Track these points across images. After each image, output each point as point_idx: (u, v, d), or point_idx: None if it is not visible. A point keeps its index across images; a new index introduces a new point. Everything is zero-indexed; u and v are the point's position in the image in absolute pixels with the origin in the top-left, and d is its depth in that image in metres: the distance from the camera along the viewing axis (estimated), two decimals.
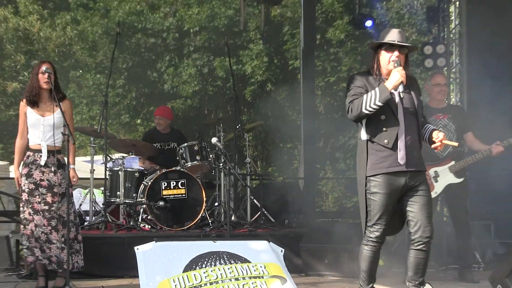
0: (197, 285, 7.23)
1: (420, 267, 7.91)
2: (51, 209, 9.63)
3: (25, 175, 9.62)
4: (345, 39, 26.28)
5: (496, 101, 13.64)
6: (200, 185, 13.14)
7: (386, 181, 7.73)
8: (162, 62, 29.30)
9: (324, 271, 12.02)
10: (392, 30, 7.98)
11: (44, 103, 9.78)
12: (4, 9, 32.75)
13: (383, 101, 7.55)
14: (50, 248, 9.58)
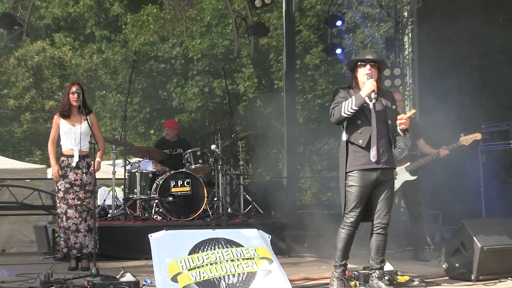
0: (199, 265, 7.22)
1: (380, 248, 7.95)
2: (82, 204, 9.87)
3: (61, 176, 9.85)
4: (320, 63, 26.30)
5: (442, 112, 13.63)
6: (202, 184, 13.18)
7: (361, 176, 7.82)
8: (170, 83, 29.28)
9: (303, 253, 12.04)
10: (364, 51, 8.41)
11: (74, 115, 9.99)
12: (43, 42, 32.81)
13: (358, 106, 7.69)
14: (77, 237, 9.82)
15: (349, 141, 7.98)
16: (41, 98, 32.12)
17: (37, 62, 32.31)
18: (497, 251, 8.61)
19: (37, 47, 32.54)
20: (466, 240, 8.70)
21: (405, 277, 8.53)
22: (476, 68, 14.55)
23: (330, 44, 18.40)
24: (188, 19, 30.79)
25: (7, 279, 8.92)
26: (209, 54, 28.21)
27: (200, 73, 28.77)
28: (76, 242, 9.81)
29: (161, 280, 7.08)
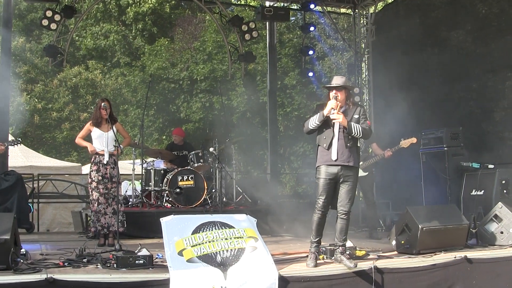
0: (200, 242, 7.18)
1: (343, 229, 8.00)
2: (109, 193, 10.04)
3: (95, 170, 10.04)
4: (296, 84, 26.28)
5: (392, 121, 13.64)
6: (203, 178, 13.16)
7: (325, 170, 7.94)
8: (179, 99, 29.21)
9: (283, 233, 12.02)
10: (334, 77, 8.31)
11: (104, 124, 10.13)
12: (79, 67, 32.80)
13: (319, 121, 7.94)
14: (105, 218, 9.99)
15: (318, 144, 8.13)
16: (77, 111, 32.07)
17: (75, 82, 32.30)
18: (434, 231, 8.71)
19: (75, 71, 32.52)
20: (410, 222, 8.76)
21: (362, 251, 8.52)
22: (417, 87, 14.61)
23: (304, 69, 18.35)
24: (193, 49, 30.72)
25: (51, 252, 8.92)
26: (210, 76, 28.18)
27: (202, 91, 28.73)
28: (105, 223, 9.98)
29: (170, 254, 7.05)
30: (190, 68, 29.59)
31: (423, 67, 14.87)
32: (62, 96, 31.83)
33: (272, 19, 17.15)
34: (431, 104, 14.30)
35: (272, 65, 18.09)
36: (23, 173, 14.12)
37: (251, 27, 17.05)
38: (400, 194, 13.66)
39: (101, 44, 34.93)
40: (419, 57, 14.93)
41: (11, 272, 6.75)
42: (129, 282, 6.77)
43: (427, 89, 14.60)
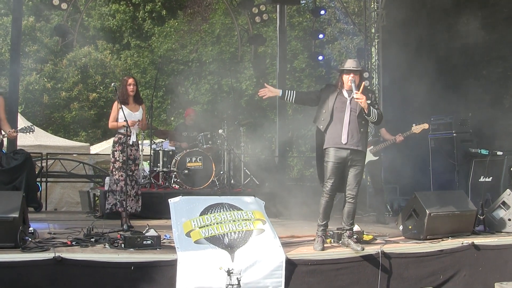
0: (208, 224, 7.19)
1: (350, 213, 8.02)
2: (133, 174, 9.87)
3: (120, 150, 9.71)
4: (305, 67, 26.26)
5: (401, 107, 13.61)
6: (211, 160, 13.18)
7: (334, 154, 7.93)
8: (188, 81, 29.19)
9: (290, 216, 12.00)
10: (349, 60, 8.21)
11: (131, 103, 9.88)
12: (89, 47, 32.75)
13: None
14: (128, 200, 9.66)
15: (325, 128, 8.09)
16: (86, 91, 32.04)
17: (84, 62, 32.26)
18: (441, 216, 8.67)
19: (84, 51, 32.47)
20: (418, 207, 8.73)
21: (369, 236, 8.53)
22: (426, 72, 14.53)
23: (313, 53, 18.36)
24: (202, 31, 30.67)
25: (59, 231, 8.94)
26: (218, 59, 28.15)
27: (211, 73, 28.70)
28: (127, 205, 9.64)
29: (178, 235, 7.07)
30: (199, 50, 29.58)
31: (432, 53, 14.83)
32: (71, 76, 31.80)
33: (282, 2, 17.13)
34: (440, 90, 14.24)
35: (282, 48, 18.07)
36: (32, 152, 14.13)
37: (262, 9, 17.06)
38: (408, 179, 13.63)
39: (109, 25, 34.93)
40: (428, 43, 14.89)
41: (19, 251, 6.77)
42: (137, 262, 6.78)
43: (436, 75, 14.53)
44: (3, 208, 7.01)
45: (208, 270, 6.75)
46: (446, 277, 8.05)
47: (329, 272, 7.38)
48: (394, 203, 13.89)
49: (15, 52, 14.59)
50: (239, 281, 6.79)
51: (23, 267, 6.50)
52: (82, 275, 6.57)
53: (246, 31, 17.93)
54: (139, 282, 6.66)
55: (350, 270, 7.51)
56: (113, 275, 6.64)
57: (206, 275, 6.73)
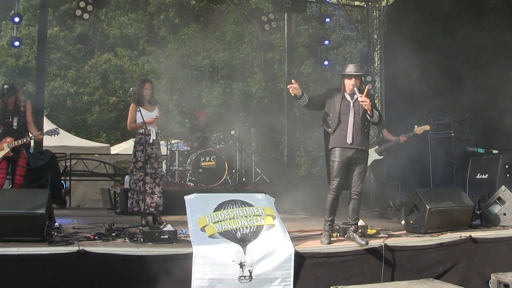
0: (221, 219, 7.20)
1: (355, 209, 8.04)
2: (156, 172, 9.62)
3: (141, 150, 9.50)
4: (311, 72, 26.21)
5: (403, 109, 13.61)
6: (224, 159, 13.16)
7: (340, 154, 7.96)
8: (201, 85, 29.18)
9: (299, 212, 12.00)
10: (350, 65, 8.23)
11: (146, 104, 9.72)
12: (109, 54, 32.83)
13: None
14: (153, 198, 9.51)
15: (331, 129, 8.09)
16: (106, 95, 32.11)
17: (104, 68, 32.33)
18: (441, 211, 8.66)
19: (105, 58, 32.55)
20: (418, 203, 8.74)
21: (373, 230, 8.53)
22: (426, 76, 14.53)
23: (319, 58, 18.36)
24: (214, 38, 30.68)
25: (82, 226, 8.98)
26: (230, 64, 28.15)
27: (223, 78, 28.70)
28: (151, 203, 9.49)
29: (193, 230, 7.08)
30: (211, 56, 29.57)
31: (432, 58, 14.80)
32: (92, 81, 31.88)
33: (290, 10, 17.13)
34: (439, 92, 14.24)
35: (289, 54, 18.10)
36: (57, 152, 14.20)
37: (270, 18, 17.10)
38: (409, 177, 13.63)
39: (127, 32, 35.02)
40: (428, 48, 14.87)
41: (45, 244, 6.82)
42: (155, 255, 6.81)
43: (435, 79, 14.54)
44: (30, 205, 7.06)
45: (221, 263, 6.77)
46: (445, 268, 8.04)
47: (336, 264, 7.39)
48: (396, 199, 13.86)
49: (41, 59, 14.68)
50: (251, 272, 6.80)
51: (49, 259, 6.54)
52: (104, 267, 6.60)
53: (255, 38, 17.96)
54: (157, 274, 6.68)
55: (355, 262, 7.51)
56: (132, 267, 6.66)
57: (220, 267, 6.75)
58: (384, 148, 11.70)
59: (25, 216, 6.96)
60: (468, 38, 14.62)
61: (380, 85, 17.41)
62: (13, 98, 9.47)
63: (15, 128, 9.47)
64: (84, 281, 6.51)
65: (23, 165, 9.63)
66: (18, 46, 14.39)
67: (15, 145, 9.37)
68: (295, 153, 21.68)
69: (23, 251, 6.53)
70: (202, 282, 6.70)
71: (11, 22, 14.58)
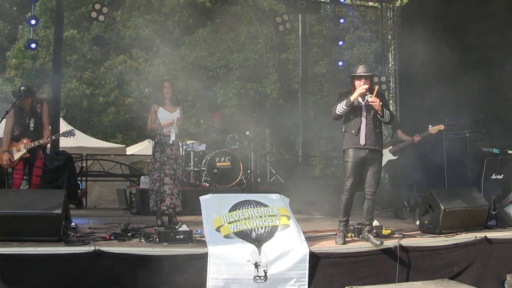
0: (236, 220, 7.21)
1: (370, 209, 8.02)
2: (176, 173, 9.58)
3: (160, 151, 9.40)
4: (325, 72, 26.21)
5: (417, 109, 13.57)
6: (239, 160, 13.15)
7: (353, 154, 7.94)
8: (216, 86, 29.21)
9: (313, 212, 11.99)
10: (360, 66, 8.19)
11: (167, 104, 9.64)
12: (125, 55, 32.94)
13: (347, 106, 7.88)
14: (172, 199, 9.46)
15: (345, 131, 8.11)
16: (122, 96, 32.24)
17: (120, 70, 32.44)
18: (455, 211, 8.63)
19: (120, 59, 32.69)
20: (433, 203, 8.71)
21: (388, 230, 8.50)
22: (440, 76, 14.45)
23: (334, 59, 18.34)
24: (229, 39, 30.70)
25: (98, 226, 9.01)
26: (244, 65, 28.16)
27: (238, 79, 28.71)
28: (170, 204, 9.44)
29: (208, 230, 7.10)
30: (226, 57, 29.60)
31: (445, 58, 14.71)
32: (108, 83, 32.04)
33: (304, 11, 17.13)
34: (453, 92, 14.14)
35: (304, 54, 18.13)
36: (73, 153, 14.28)
37: (285, 19, 17.07)
38: (424, 177, 13.58)
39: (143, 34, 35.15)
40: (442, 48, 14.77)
41: (62, 244, 6.85)
42: (170, 255, 6.82)
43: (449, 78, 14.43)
44: (47, 205, 7.09)
45: (237, 263, 6.77)
46: (460, 269, 8.00)
47: (350, 265, 7.38)
48: (410, 200, 13.82)
49: (57, 61, 14.77)
50: (266, 272, 6.80)
51: (66, 259, 6.57)
52: (120, 267, 6.62)
53: (270, 39, 17.95)
54: (172, 274, 6.69)
55: (370, 263, 7.50)
56: (148, 267, 6.67)
57: (235, 267, 6.75)
58: (398, 148, 11.67)
59: (42, 216, 6.99)
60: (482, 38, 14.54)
61: (394, 85, 17.38)
62: (30, 100, 9.52)
63: (31, 130, 9.52)
64: (100, 280, 6.53)
65: (39, 165, 9.67)
66: (34, 48, 14.47)
67: (32, 146, 9.42)
68: (310, 154, 21.66)
69: (40, 251, 6.57)
70: (217, 282, 6.71)
71: (28, 25, 14.66)
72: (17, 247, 6.64)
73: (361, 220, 8.11)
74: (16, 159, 9.41)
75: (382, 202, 12.83)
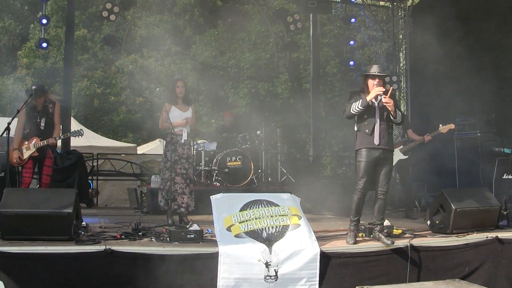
0: (247, 219, 7.22)
1: (381, 209, 8.01)
2: (187, 173, 9.55)
3: (172, 150, 9.38)
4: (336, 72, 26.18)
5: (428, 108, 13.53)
6: (250, 159, 13.17)
7: (367, 154, 7.94)
8: (227, 86, 29.23)
9: (324, 212, 11.99)
10: (374, 66, 8.19)
11: (180, 104, 9.62)
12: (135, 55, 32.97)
13: (363, 106, 7.84)
14: (183, 198, 9.43)
15: (359, 130, 8.07)
16: (133, 95, 32.28)
17: (131, 69, 32.48)
18: (467, 212, 8.60)
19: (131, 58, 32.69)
20: (444, 203, 8.69)
21: (399, 230, 8.49)
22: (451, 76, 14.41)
23: (345, 58, 18.29)
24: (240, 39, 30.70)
25: (109, 225, 9.05)
26: (255, 64, 28.16)
27: (248, 78, 28.72)
28: (182, 203, 9.41)
29: (219, 229, 7.10)
30: (236, 57, 29.61)
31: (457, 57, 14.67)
32: (119, 82, 32.10)
33: (315, 11, 17.11)
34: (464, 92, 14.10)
35: (315, 54, 18.11)
36: (84, 152, 14.31)
37: (296, 18, 17.06)
38: (435, 177, 13.57)
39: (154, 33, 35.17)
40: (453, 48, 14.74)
41: (73, 243, 6.88)
42: (181, 254, 6.84)
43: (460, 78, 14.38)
44: (58, 204, 7.11)
45: (247, 262, 6.78)
46: (471, 269, 7.98)
47: (361, 264, 7.37)
48: (421, 199, 13.81)
49: (68, 60, 14.81)
50: (277, 272, 6.79)
51: (77, 258, 6.60)
52: (130, 266, 6.64)
53: (281, 38, 17.96)
54: (182, 273, 6.70)
55: (381, 263, 7.49)
56: (158, 267, 6.67)
57: (245, 266, 6.76)
58: (409, 148, 11.64)
59: (52, 215, 7.02)
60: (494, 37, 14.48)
61: (405, 85, 17.35)
62: (42, 99, 9.54)
63: (42, 129, 9.54)
64: (111, 279, 6.55)
65: (49, 165, 9.69)
66: (46, 48, 14.52)
67: (41, 145, 9.44)
68: (321, 153, 21.65)
69: (50, 250, 6.60)
70: (228, 281, 6.71)
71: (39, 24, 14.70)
72: (28, 246, 6.67)
73: (372, 219, 8.11)
74: (25, 158, 9.45)
75: (393, 201, 12.81)
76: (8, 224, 7.00)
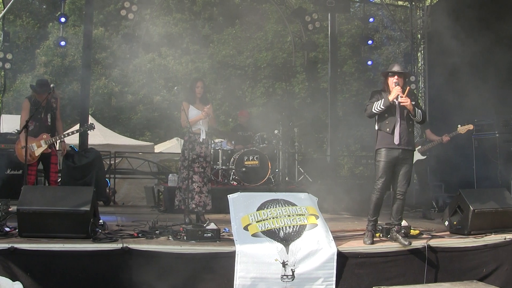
0: (264, 218, 7.22)
1: (399, 209, 7.99)
2: (205, 171, 9.59)
3: (190, 149, 9.43)
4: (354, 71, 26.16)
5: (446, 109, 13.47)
6: (267, 159, 13.16)
7: (386, 154, 7.93)
8: (244, 85, 29.27)
9: (341, 212, 11.96)
10: (393, 64, 8.20)
11: (198, 103, 9.62)
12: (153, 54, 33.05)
13: (385, 106, 7.84)
14: (201, 197, 9.46)
15: (379, 129, 8.05)
16: (150, 94, 32.36)
17: (148, 68, 32.55)
18: (485, 212, 8.55)
19: (149, 57, 32.80)
20: (462, 204, 8.63)
21: (416, 231, 8.45)
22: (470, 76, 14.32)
23: (363, 58, 18.26)
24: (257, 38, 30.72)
25: (126, 223, 9.08)
26: (272, 63, 28.19)
27: (266, 77, 28.75)
28: (199, 201, 9.45)
29: (236, 229, 7.10)
30: (254, 56, 29.63)
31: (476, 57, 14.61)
32: (137, 81, 32.19)
33: (333, 10, 17.08)
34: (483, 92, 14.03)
35: (332, 53, 18.07)
36: (101, 150, 14.34)
37: (314, 18, 17.06)
38: (453, 177, 13.51)
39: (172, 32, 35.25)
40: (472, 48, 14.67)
41: (90, 241, 6.92)
42: (198, 253, 6.86)
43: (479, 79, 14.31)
44: (75, 202, 7.14)
45: (264, 262, 6.78)
46: (489, 271, 7.94)
47: (378, 265, 7.35)
48: (439, 200, 13.76)
49: (86, 59, 14.85)
50: (294, 272, 6.79)
51: (94, 256, 6.63)
52: (147, 264, 6.67)
53: (299, 37, 17.95)
54: (199, 272, 6.72)
55: (398, 263, 7.47)
56: (175, 265, 6.69)
57: (262, 266, 6.76)
58: (427, 148, 11.60)
59: (70, 213, 7.05)
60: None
61: (424, 85, 17.28)
62: (46, 95, 9.53)
63: (49, 125, 9.62)
64: (128, 277, 6.57)
65: (55, 162, 9.77)
66: (64, 46, 14.58)
67: (52, 142, 9.51)
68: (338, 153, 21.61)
69: (68, 247, 6.63)
70: (244, 280, 6.72)
71: (58, 23, 14.77)
72: (45, 243, 6.71)
73: (390, 220, 8.09)
74: (37, 155, 9.50)
75: (411, 202, 12.78)
76: (26, 221, 7.04)
